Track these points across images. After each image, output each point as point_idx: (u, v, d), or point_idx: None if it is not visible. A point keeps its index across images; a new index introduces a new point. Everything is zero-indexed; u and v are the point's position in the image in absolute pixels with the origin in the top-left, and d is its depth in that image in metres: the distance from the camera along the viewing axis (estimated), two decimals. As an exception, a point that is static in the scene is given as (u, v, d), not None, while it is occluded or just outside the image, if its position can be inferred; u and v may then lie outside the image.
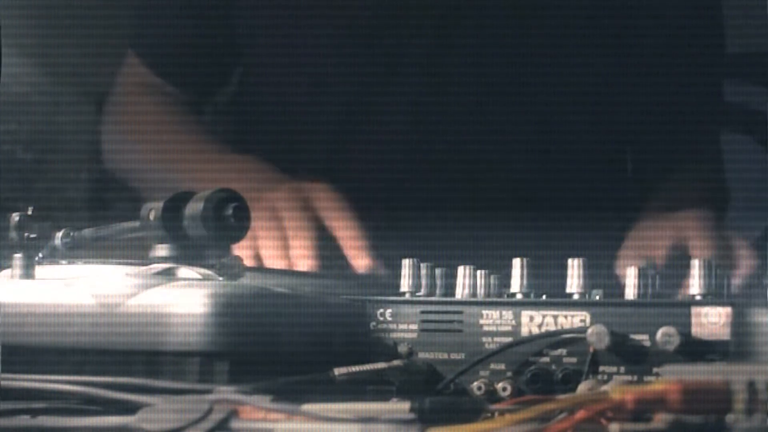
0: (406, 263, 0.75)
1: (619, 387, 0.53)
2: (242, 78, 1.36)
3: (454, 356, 0.72)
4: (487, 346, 0.71)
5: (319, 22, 1.24)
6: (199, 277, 0.70)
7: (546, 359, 0.70)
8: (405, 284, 0.75)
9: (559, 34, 1.24)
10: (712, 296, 0.69)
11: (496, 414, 0.57)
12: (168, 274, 0.71)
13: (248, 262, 1.03)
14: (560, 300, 0.71)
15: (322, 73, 1.25)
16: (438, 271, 0.76)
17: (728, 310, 0.68)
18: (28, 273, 0.74)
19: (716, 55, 1.33)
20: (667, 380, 0.54)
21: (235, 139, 1.34)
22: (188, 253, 0.73)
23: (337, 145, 1.25)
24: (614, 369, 0.69)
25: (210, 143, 1.25)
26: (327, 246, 1.05)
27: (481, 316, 0.72)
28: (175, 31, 1.32)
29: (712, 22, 1.32)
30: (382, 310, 0.73)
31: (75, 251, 0.78)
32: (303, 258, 1.03)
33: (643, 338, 0.69)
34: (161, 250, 0.73)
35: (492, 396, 0.69)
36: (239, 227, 0.72)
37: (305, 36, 1.25)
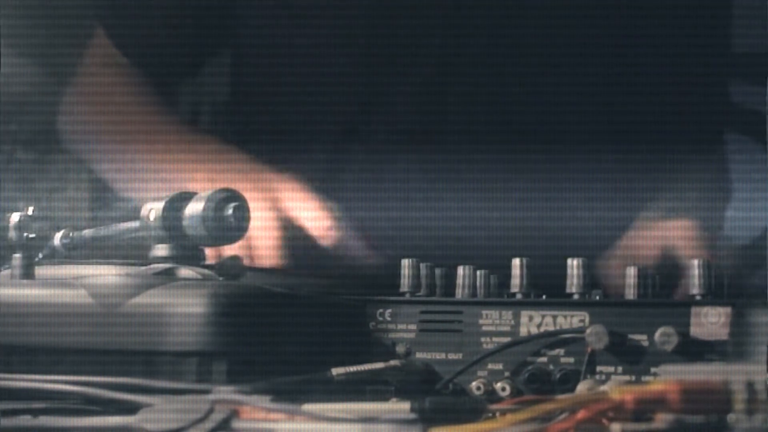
0: (406, 263, 0.75)
1: (619, 387, 0.53)
2: (226, 65, 1.34)
3: (452, 356, 0.72)
4: (486, 346, 0.71)
5: (304, 17, 1.23)
6: (199, 277, 0.70)
7: (544, 359, 0.70)
8: (404, 284, 0.75)
9: (560, 34, 1.24)
10: (712, 296, 0.69)
11: (497, 414, 0.57)
12: (168, 274, 0.71)
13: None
14: (560, 300, 0.71)
15: (311, 72, 1.24)
16: (438, 271, 0.76)
17: (728, 310, 0.68)
18: (27, 273, 0.74)
19: (718, 54, 1.33)
20: (667, 380, 0.54)
21: (219, 129, 1.33)
22: (188, 253, 0.73)
23: (333, 145, 1.25)
24: (612, 369, 0.69)
25: (175, 124, 1.24)
26: (294, 236, 1.02)
27: (481, 316, 0.72)
28: (148, 12, 1.30)
29: (713, 21, 1.31)
30: (381, 310, 0.73)
31: (75, 251, 0.78)
32: (268, 257, 1.01)
33: (641, 338, 0.69)
34: (161, 250, 0.73)
35: (491, 396, 0.69)
36: (239, 227, 0.72)
37: (292, 30, 1.24)
